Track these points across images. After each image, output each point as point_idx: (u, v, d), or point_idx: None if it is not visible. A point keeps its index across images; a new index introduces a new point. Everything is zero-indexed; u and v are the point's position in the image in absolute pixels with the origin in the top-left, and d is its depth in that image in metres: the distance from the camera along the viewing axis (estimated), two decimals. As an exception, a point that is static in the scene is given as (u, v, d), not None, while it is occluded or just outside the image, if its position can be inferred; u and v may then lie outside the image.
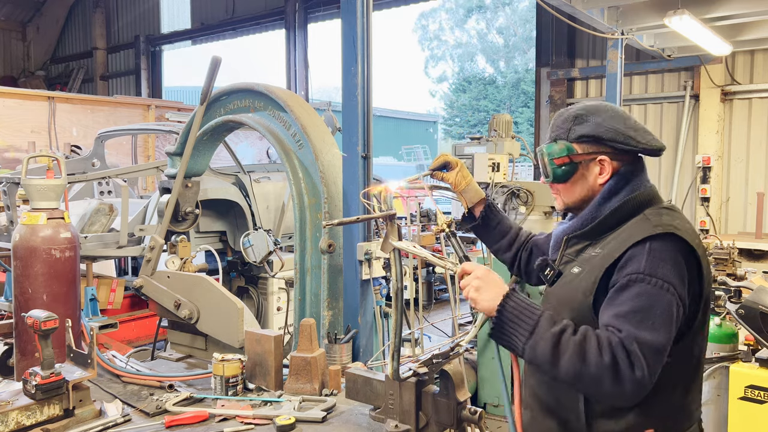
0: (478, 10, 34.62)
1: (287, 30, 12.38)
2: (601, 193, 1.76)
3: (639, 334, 1.53)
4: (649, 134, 1.78)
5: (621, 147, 1.74)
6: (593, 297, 1.67)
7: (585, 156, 1.77)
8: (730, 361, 3.30)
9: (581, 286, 1.70)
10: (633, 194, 1.73)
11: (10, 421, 2.23)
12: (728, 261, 4.44)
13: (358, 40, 3.37)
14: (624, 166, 1.77)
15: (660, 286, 1.56)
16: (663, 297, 1.56)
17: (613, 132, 1.73)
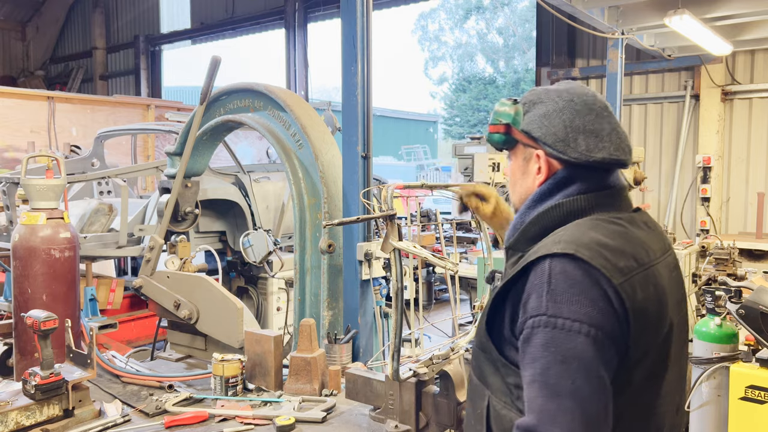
0: (477, 11, 34.62)
1: (287, 30, 12.37)
2: (532, 195, 1.45)
3: (557, 415, 1.18)
4: (602, 140, 1.39)
5: (551, 151, 1.41)
6: (486, 319, 1.40)
7: (524, 139, 1.47)
8: (731, 361, 3.29)
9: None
10: (565, 200, 1.40)
11: (9, 421, 2.22)
12: (729, 261, 4.44)
13: (358, 40, 3.37)
14: (565, 168, 1.41)
15: (569, 329, 1.21)
16: (578, 344, 1.20)
17: (547, 131, 1.41)
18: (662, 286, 1.34)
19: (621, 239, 1.32)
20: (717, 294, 3.46)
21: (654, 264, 1.35)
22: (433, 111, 36.43)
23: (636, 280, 1.27)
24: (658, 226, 1.52)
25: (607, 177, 1.43)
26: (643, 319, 1.25)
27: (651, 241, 1.40)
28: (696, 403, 3.57)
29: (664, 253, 1.43)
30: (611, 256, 1.27)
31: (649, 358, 1.29)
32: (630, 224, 1.39)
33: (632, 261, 1.29)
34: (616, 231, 1.34)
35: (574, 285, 1.23)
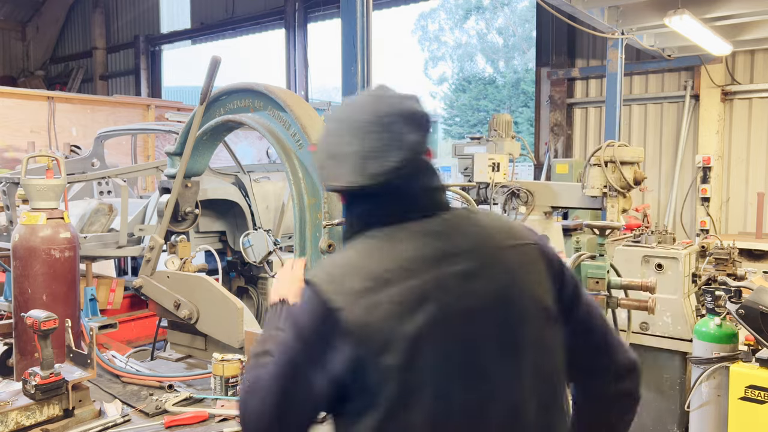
0: (477, 11, 34.61)
1: (287, 30, 12.37)
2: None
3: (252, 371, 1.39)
4: (341, 164, 1.34)
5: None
6: None
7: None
8: (731, 361, 3.30)
9: None
10: (352, 220, 1.42)
11: (9, 421, 2.22)
12: (728, 261, 4.44)
13: (358, 40, 3.37)
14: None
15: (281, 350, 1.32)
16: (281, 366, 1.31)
17: (316, 156, 1.43)
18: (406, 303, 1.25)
19: (368, 259, 1.31)
20: (717, 294, 3.46)
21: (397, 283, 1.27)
22: (433, 111, 36.44)
23: (367, 301, 1.24)
24: (455, 230, 1.38)
25: (389, 194, 1.36)
26: (370, 338, 1.23)
27: (423, 249, 1.31)
28: (696, 403, 3.57)
29: (458, 257, 1.33)
30: (341, 278, 1.28)
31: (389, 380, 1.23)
32: (391, 238, 1.33)
33: (368, 281, 1.26)
34: (371, 248, 1.33)
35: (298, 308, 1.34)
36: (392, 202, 1.37)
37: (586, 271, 3.12)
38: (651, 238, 4.56)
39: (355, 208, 1.41)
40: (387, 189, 1.35)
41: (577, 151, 9.72)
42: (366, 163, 1.32)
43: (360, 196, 1.38)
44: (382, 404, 1.23)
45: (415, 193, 1.38)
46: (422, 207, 1.38)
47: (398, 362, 1.23)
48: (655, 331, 4.18)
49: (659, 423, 4.23)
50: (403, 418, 1.24)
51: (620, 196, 5.09)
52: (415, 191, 1.38)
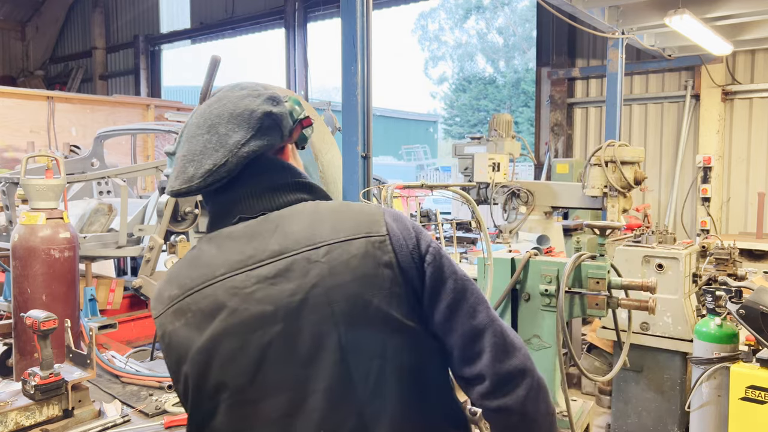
0: (477, 10, 34.61)
1: (287, 29, 12.37)
2: None
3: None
4: (175, 168, 1.35)
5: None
6: None
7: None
8: (731, 361, 3.29)
9: None
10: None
11: (9, 421, 2.22)
12: (729, 261, 4.43)
13: (358, 40, 3.37)
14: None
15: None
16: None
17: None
18: (204, 309, 1.24)
19: (184, 267, 1.32)
20: (717, 294, 3.46)
21: (204, 286, 1.26)
22: (433, 111, 36.45)
23: (173, 308, 1.27)
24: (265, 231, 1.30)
25: (221, 194, 1.35)
26: (174, 351, 1.26)
27: (227, 254, 1.28)
28: (696, 403, 3.57)
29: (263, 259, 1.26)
30: (162, 288, 1.32)
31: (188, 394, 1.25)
32: (206, 244, 1.33)
33: (176, 289, 1.28)
34: (190, 256, 1.35)
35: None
36: (214, 205, 1.37)
37: (586, 271, 3.11)
38: (651, 238, 4.55)
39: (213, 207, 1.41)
40: (210, 192, 1.34)
41: (578, 151, 9.72)
42: (186, 167, 1.32)
43: (205, 198, 1.40)
44: (189, 412, 1.27)
45: (237, 197, 1.33)
46: (242, 209, 1.33)
47: (193, 373, 1.23)
48: (655, 332, 4.18)
49: (659, 423, 4.23)
50: (209, 426, 1.24)
51: (621, 196, 5.09)
52: (237, 194, 1.33)
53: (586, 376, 3.32)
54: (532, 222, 5.64)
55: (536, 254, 3.38)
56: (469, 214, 2.24)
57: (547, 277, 3.18)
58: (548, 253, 3.63)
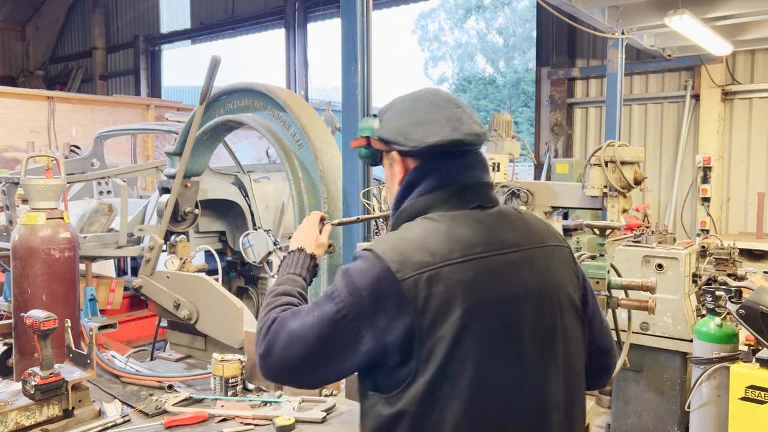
0: (477, 10, 34.60)
1: (287, 29, 12.37)
2: (395, 195, 1.55)
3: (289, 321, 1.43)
4: (439, 126, 1.46)
5: (397, 147, 1.50)
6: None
7: (383, 146, 1.56)
8: (731, 361, 3.29)
9: None
10: (412, 201, 1.49)
11: (9, 421, 2.22)
12: (729, 261, 4.43)
13: (358, 40, 3.37)
14: (414, 168, 1.50)
15: (333, 299, 1.37)
16: (333, 319, 1.36)
17: (392, 130, 1.51)
18: (462, 281, 1.34)
19: (430, 237, 1.38)
20: (717, 294, 3.46)
21: (458, 261, 1.36)
22: (433, 111, 36.37)
23: (429, 274, 1.33)
24: (504, 223, 1.48)
25: (456, 174, 1.48)
26: (431, 311, 1.31)
27: (478, 235, 1.41)
28: (696, 403, 3.57)
29: (508, 247, 1.43)
30: (405, 255, 1.35)
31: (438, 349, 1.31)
32: (450, 221, 1.42)
33: (429, 257, 1.35)
34: (430, 229, 1.40)
35: (358, 276, 1.36)
36: (465, 184, 1.47)
37: (586, 271, 3.11)
38: (651, 238, 4.55)
39: (426, 184, 1.47)
40: (477, 171, 1.49)
41: (578, 151, 9.72)
42: (456, 125, 1.46)
43: (442, 166, 1.47)
44: (425, 376, 1.31)
45: (473, 184, 1.48)
46: (480, 198, 1.49)
47: (449, 336, 1.31)
48: (655, 332, 4.18)
49: (659, 423, 4.23)
50: (445, 389, 1.31)
51: (620, 196, 5.08)
52: (475, 178, 1.49)
53: (586, 376, 3.32)
54: (532, 222, 5.64)
55: (536, 254, 3.37)
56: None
57: (547, 277, 3.17)
58: (548, 253, 3.63)
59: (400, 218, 1.50)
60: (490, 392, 1.35)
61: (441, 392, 1.31)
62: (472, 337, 1.33)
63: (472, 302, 1.33)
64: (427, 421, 1.31)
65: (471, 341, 1.32)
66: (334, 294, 1.38)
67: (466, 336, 1.32)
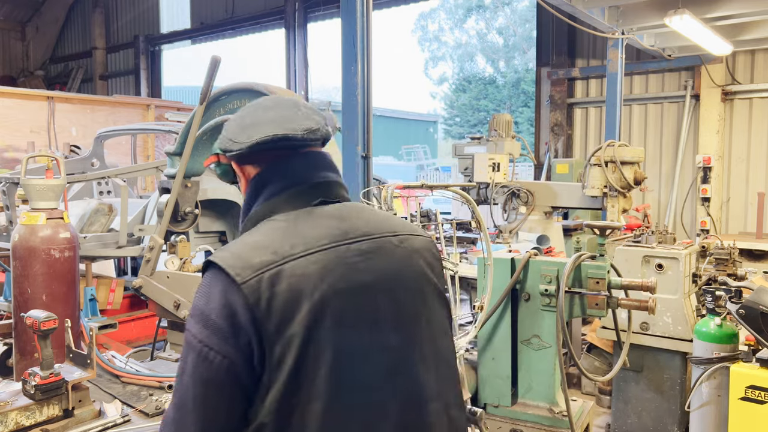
0: (477, 10, 34.60)
1: (287, 29, 12.37)
2: (241, 211, 1.51)
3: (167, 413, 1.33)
4: (266, 125, 1.42)
5: (228, 155, 1.47)
6: None
7: (224, 160, 1.54)
8: (731, 361, 3.29)
9: None
10: (261, 204, 1.44)
11: (9, 421, 2.22)
12: (729, 261, 4.43)
13: (358, 40, 3.37)
14: (255, 175, 1.47)
15: (190, 344, 1.28)
16: (195, 363, 1.26)
17: (223, 139, 1.47)
18: (307, 275, 1.29)
19: (273, 237, 1.34)
20: (717, 294, 3.46)
21: (301, 255, 1.31)
22: (433, 111, 36.44)
23: (270, 273, 1.27)
24: (351, 215, 1.45)
25: (297, 175, 1.45)
26: (277, 312, 1.25)
27: (325, 229, 1.37)
28: (696, 403, 3.57)
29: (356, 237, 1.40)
30: (246, 256, 1.30)
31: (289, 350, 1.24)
32: (295, 220, 1.39)
33: (269, 256, 1.29)
34: (275, 229, 1.37)
35: (203, 296, 1.30)
36: (306, 184, 1.44)
37: (586, 271, 3.11)
38: (651, 238, 4.55)
39: (260, 189, 1.45)
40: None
41: (578, 151, 9.72)
42: (284, 123, 1.43)
43: (269, 171, 1.44)
44: (279, 381, 1.24)
45: (316, 183, 1.45)
46: (323, 194, 1.46)
47: (299, 334, 1.24)
48: (655, 332, 4.18)
49: (659, 423, 4.23)
50: (302, 393, 1.25)
51: (620, 196, 5.09)
52: (314, 177, 1.46)
53: (586, 376, 3.32)
54: (532, 222, 5.64)
55: (536, 254, 3.38)
56: (469, 214, 2.25)
57: (547, 277, 3.18)
58: (548, 253, 3.63)
59: (246, 227, 1.45)
60: (352, 388, 1.29)
61: (298, 396, 1.24)
62: (324, 331, 1.27)
63: (320, 296, 1.28)
64: (289, 429, 1.24)
65: (324, 336, 1.26)
66: (189, 342, 1.28)
67: (318, 331, 1.26)
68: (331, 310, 1.28)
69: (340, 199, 1.48)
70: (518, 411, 3.32)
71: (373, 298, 1.36)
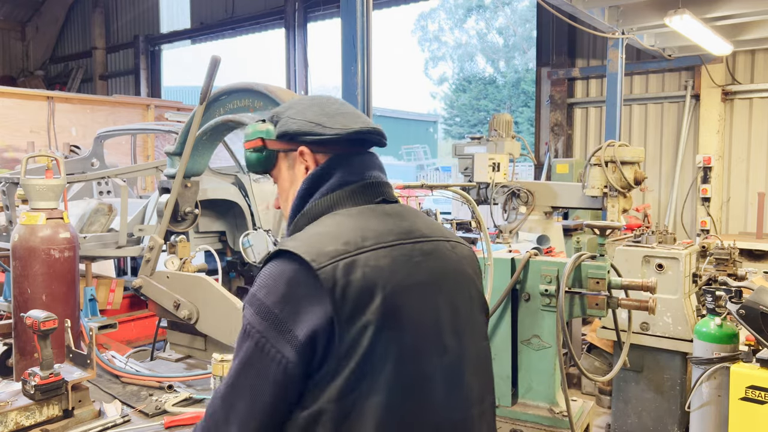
0: (477, 10, 34.60)
1: (287, 29, 12.37)
2: (296, 196, 1.49)
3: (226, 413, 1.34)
4: (355, 117, 1.49)
5: (309, 138, 1.45)
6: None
7: (283, 146, 1.50)
8: (731, 361, 3.29)
9: None
10: (322, 197, 1.44)
11: (9, 421, 2.22)
12: (729, 261, 4.43)
13: (358, 40, 3.37)
14: (324, 163, 1.46)
15: (248, 333, 1.29)
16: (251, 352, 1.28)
17: (304, 123, 1.46)
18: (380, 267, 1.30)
19: (341, 229, 1.35)
20: (717, 294, 3.46)
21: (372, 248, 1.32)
22: (433, 111, 36.44)
23: (345, 262, 1.28)
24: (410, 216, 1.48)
25: (360, 171, 1.48)
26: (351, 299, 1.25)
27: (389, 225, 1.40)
28: (696, 403, 3.57)
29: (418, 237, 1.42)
30: (322, 251, 1.29)
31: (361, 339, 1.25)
32: (359, 215, 1.41)
33: (343, 246, 1.30)
34: (340, 222, 1.38)
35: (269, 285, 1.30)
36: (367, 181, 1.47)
37: (586, 271, 3.11)
38: (651, 238, 4.55)
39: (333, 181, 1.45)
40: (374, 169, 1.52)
41: (578, 151, 9.72)
42: (364, 119, 1.51)
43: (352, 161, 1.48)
44: (350, 366, 1.24)
45: (376, 182, 1.50)
46: (385, 193, 1.50)
47: (373, 323, 1.25)
48: (655, 332, 4.18)
49: (659, 423, 4.23)
50: (367, 380, 1.25)
51: (621, 196, 5.09)
52: (377, 176, 1.52)
53: (586, 376, 3.32)
54: (532, 222, 5.64)
55: (536, 254, 3.38)
56: (469, 214, 2.24)
57: (547, 277, 3.18)
58: (548, 253, 3.63)
59: (301, 222, 1.44)
60: (412, 387, 1.30)
61: (360, 388, 1.24)
62: (394, 326, 1.28)
63: (391, 289, 1.29)
64: (347, 420, 1.24)
65: (393, 331, 1.28)
66: (248, 331, 1.29)
67: (389, 325, 1.27)
68: (401, 306, 1.30)
69: (396, 201, 1.52)
70: (518, 411, 3.32)
71: (435, 299, 1.38)
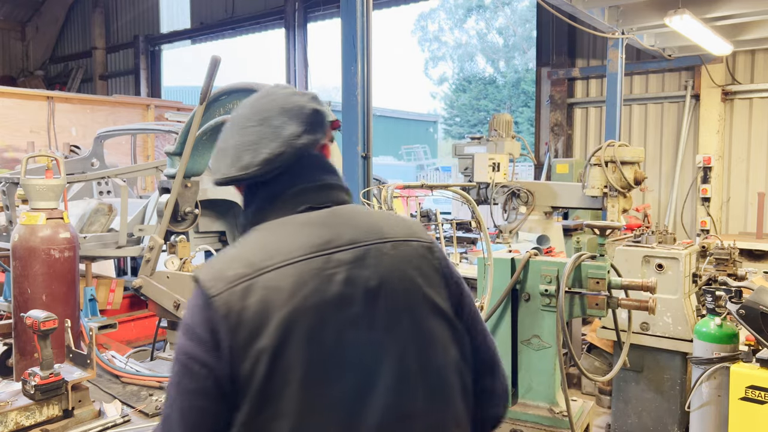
0: (477, 10, 34.61)
1: (287, 29, 12.37)
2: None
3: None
4: (225, 158, 1.42)
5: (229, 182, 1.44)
6: None
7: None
8: (731, 361, 3.29)
9: None
10: (247, 218, 1.44)
11: (9, 421, 2.22)
12: (729, 261, 4.43)
13: (358, 40, 3.37)
14: (244, 191, 1.47)
15: (177, 356, 1.29)
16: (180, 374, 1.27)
17: (219, 174, 1.44)
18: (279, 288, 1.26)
19: (250, 250, 1.32)
20: (717, 294, 3.46)
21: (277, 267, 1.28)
22: (433, 111, 36.44)
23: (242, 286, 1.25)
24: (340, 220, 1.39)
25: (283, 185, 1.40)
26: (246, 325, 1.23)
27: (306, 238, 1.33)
28: (696, 403, 3.57)
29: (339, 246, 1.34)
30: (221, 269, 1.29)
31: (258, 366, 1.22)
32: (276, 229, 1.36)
33: (244, 268, 1.28)
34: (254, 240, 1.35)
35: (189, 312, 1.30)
36: (274, 194, 1.40)
37: (586, 271, 3.11)
38: (651, 238, 4.55)
39: (248, 202, 1.44)
40: (266, 181, 1.39)
41: (578, 151, 9.72)
42: (241, 155, 1.39)
43: (251, 188, 1.43)
44: (251, 393, 1.22)
45: (299, 189, 1.41)
46: (309, 200, 1.41)
47: (268, 349, 1.22)
48: (655, 332, 4.18)
49: (659, 423, 4.23)
50: (272, 405, 1.22)
51: (620, 196, 5.09)
52: (298, 186, 1.41)
53: (586, 376, 3.32)
54: (532, 222, 5.64)
55: (536, 254, 3.38)
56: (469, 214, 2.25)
57: (547, 277, 3.18)
58: (548, 253, 3.63)
59: (240, 234, 1.44)
60: (322, 407, 1.25)
61: (265, 414, 1.21)
62: (294, 347, 1.23)
63: (290, 310, 1.24)
64: None
65: (293, 353, 1.22)
66: (176, 354, 1.29)
67: (287, 347, 1.22)
68: (301, 326, 1.24)
69: (332, 203, 1.42)
70: (518, 411, 3.31)
71: (350, 312, 1.29)
